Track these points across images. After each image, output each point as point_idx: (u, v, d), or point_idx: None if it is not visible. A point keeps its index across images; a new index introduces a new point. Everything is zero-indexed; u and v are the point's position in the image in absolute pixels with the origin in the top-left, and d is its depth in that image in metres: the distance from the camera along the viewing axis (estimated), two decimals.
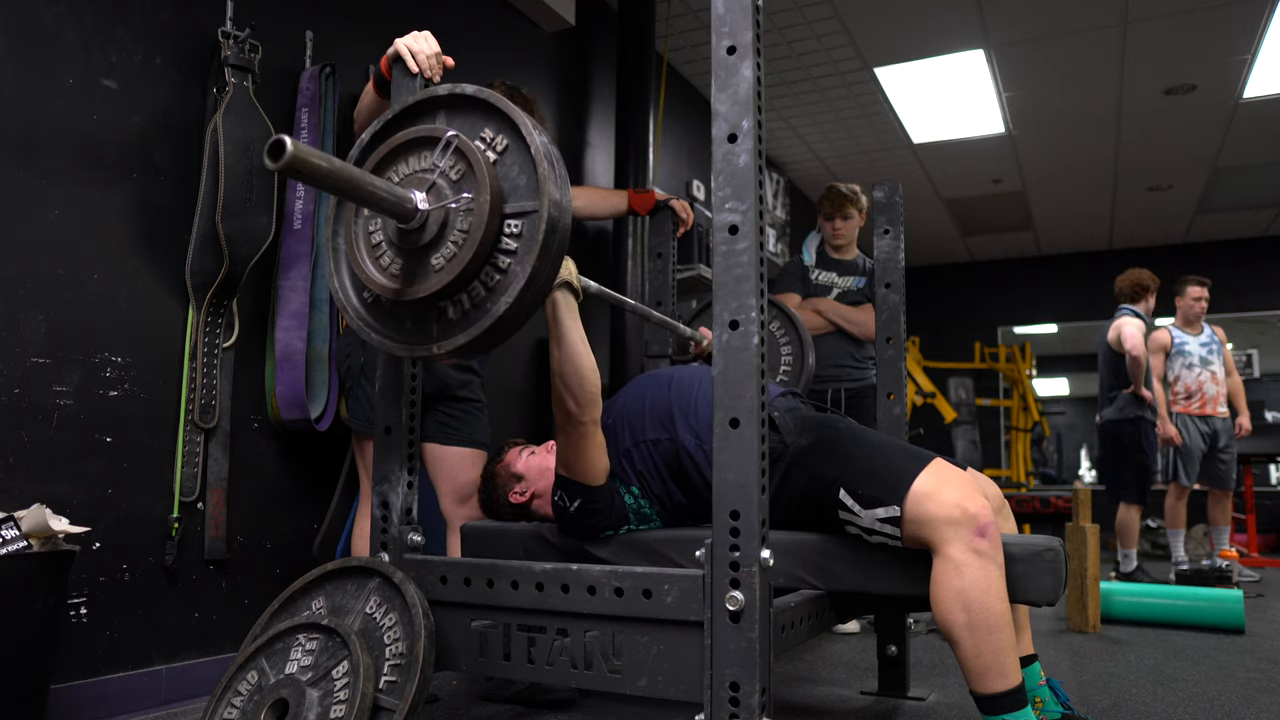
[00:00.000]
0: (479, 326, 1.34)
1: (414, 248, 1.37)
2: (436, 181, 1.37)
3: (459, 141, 1.36)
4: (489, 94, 1.41)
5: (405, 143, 1.42)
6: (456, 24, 3.24)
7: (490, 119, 1.41)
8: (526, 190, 1.35)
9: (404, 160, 1.43)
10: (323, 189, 1.27)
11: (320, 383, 2.48)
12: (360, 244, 1.44)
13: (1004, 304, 8.92)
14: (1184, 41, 4.61)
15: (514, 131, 1.38)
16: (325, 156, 1.18)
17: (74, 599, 1.99)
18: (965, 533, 1.42)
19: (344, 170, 1.22)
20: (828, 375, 3.36)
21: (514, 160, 1.37)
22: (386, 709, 1.38)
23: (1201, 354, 5.02)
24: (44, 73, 1.99)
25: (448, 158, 1.37)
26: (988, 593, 1.40)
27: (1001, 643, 1.40)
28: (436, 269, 1.36)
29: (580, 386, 1.60)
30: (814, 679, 2.48)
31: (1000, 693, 1.41)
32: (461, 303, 1.37)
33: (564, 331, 1.61)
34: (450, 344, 1.36)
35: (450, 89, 1.44)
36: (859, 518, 1.52)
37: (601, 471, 1.70)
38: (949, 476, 1.50)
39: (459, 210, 1.35)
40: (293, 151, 1.09)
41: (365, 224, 1.45)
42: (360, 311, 1.47)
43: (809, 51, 4.74)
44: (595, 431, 1.66)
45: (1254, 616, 3.69)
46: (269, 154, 1.09)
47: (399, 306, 1.42)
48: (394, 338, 1.43)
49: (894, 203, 2.31)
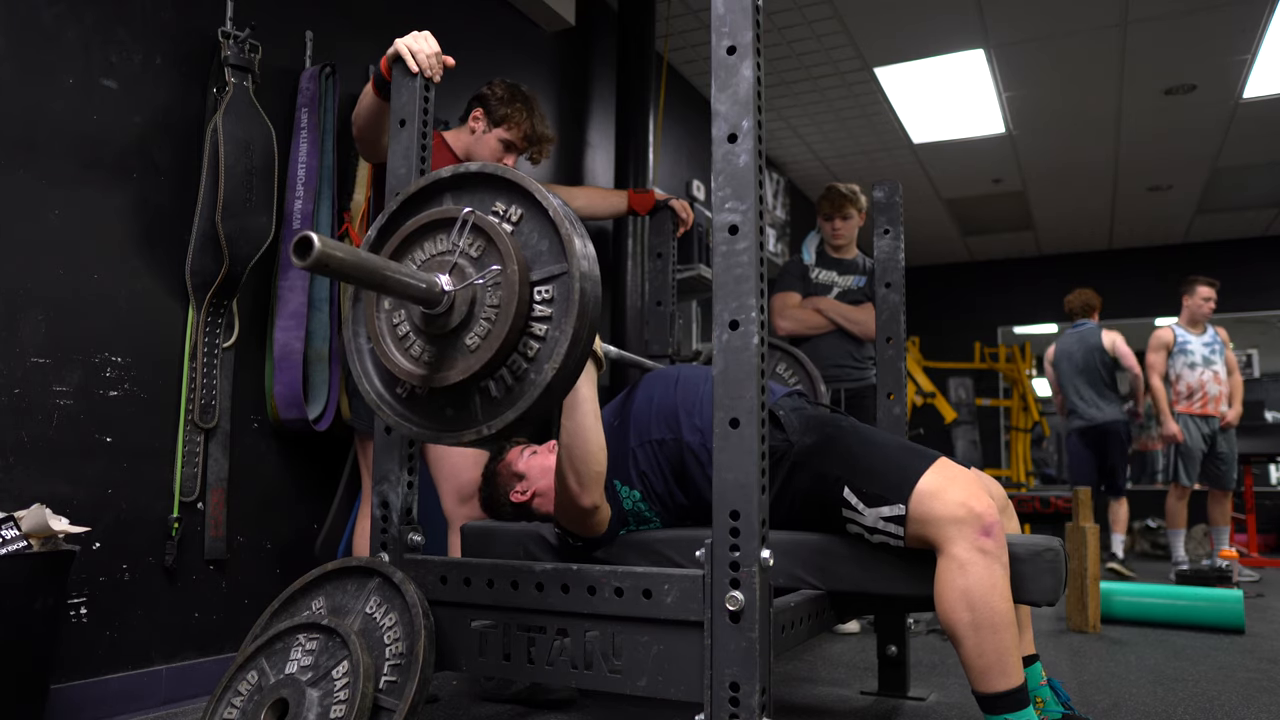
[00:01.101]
0: (528, 399, 1.30)
1: (444, 332, 1.34)
2: (458, 262, 1.34)
3: (476, 218, 1.34)
4: (494, 167, 1.39)
5: (419, 229, 1.39)
6: (456, 24, 3.24)
7: (500, 191, 1.39)
8: (550, 254, 1.33)
9: (419, 247, 1.40)
10: (349, 282, 1.24)
11: (319, 383, 2.48)
12: (386, 338, 1.40)
13: (1004, 304, 8.92)
14: (1184, 41, 4.61)
15: (526, 199, 1.36)
16: (351, 250, 1.17)
17: (74, 599, 1.99)
18: (970, 532, 1.42)
19: (370, 261, 1.20)
20: (828, 375, 3.36)
21: (532, 228, 1.35)
22: (386, 709, 1.38)
23: (1204, 353, 5.02)
24: (44, 73, 1.99)
25: (466, 236, 1.34)
26: (992, 592, 1.40)
27: (1005, 642, 1.41)
28: (472, 349, 1.32)
29: (585, 464, 1.57)
30: (814, 679, 2.48)
31: (1003, 692, 1.41)
32: (504, 379, 1.33)
33: (579, 400, 1.56)
34: (500, 421, 1.32)
35: (454, 170, 1.42)
36: (862, 516, 1.52)
37: (598, 527, 1.68)
38: (954, 475, 1.50)
39: (485, 286, 1.32)
40: (320, 248, 1.09)
41: (388, 317, 1.42)
42: (396, 408, 1.42)
43: (809, 51, 4.74)
44: (595, 513, 1.63)
45: (1254, 616, 3.69)
46: (296, 252, 1.09)
47: (437, 395, 1.38)
48: (437, 428, 1.39)
49: (894, 203, 2.31)
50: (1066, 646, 3.02)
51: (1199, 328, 5.10)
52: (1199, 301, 5.05)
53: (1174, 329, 5.12)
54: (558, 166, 3.87)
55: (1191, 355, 5.03)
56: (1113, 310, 8.61)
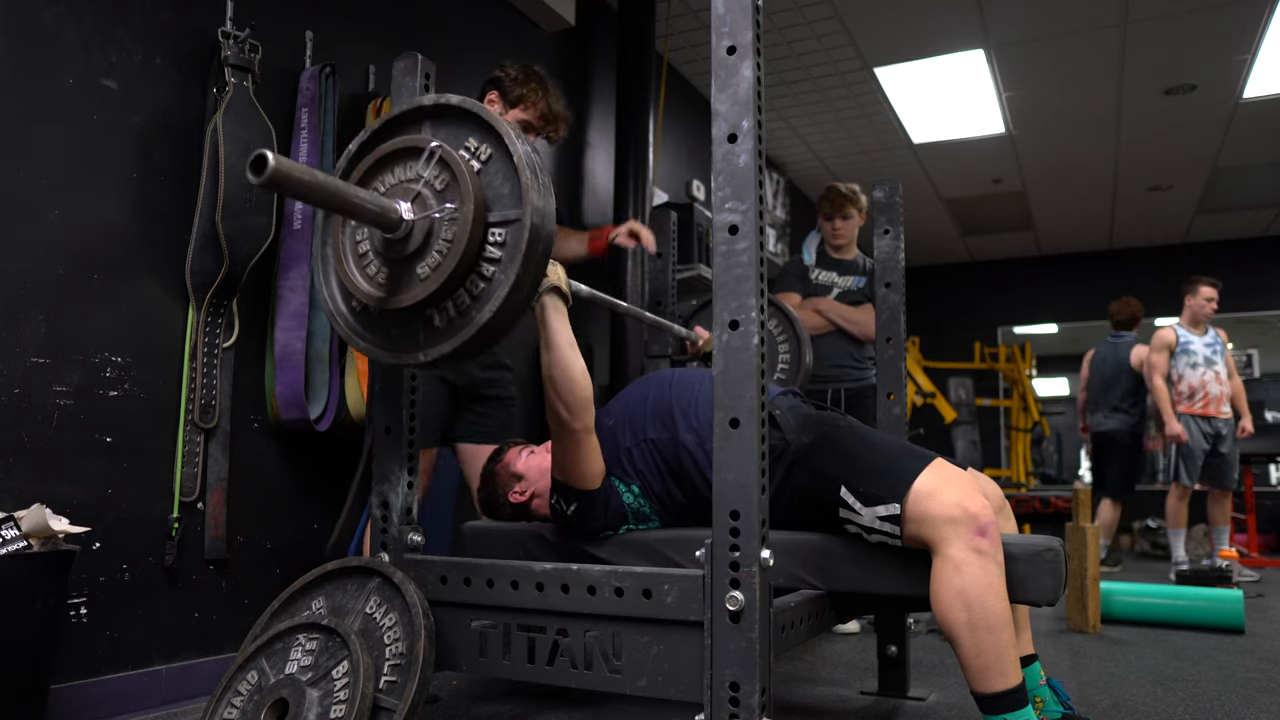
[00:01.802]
0: (463, 335, 1.35)
1: (399, 257, 1.39)
2: (421, 191, 1.39)
3: (443, 151, 1.37)
4: (473, 104, 1.42)
5: (391, 153, 1.43)
6: (457, 24, 3.24)
7: (475, 129, 1.42)
8: (510, 199, 1.36)
9: (390, 171, 1.44)
10: (306, 202, 1.29)
11: (320, 383, 2.48)
12: (348, 253, 1.46)
13: (1004, 304, 8.92)
14: (1184, 41, 4.61)
15: (498, 141, 1.39)
16: (308, 170, 1.20)
17: (74, 599, 1.99)
18: (965, 532, 1.42)
19: (327, 183, 1.24)
20: (827, 375, 3.35)
21: (498, 169, 1.38)
22: (386, 709, 1.38)
23: (1206, 354, 5.02)
24: (44, 73, 1.99)
25: (432, 168, 1.38)
26: (988, 591, 1.41)
27: (1002, 642, 1.41)
28: (422, 278, 1.37)
29: (570, 391, 1.60)
30: (814, 679, 2.48)
31: (1001, 692, 1.41)
32: (447, 311, 1.38)
33: (552, 334, 1.60)
34: (436, 351, 1.38)
35: (435, 99, 1.45)
36: (859, 515, 1.52)
37: (596, 476, 1.70)
38: (950, 476, 1.50)
39: (444, 220, 1.36)
40: (274, 165, 1.11)
41: (353, 234, 1.47)
42: (349, 320, 1.49)
43: (809, 51, 4.75)
44: (589, 438, 1.65)
45: (1254, 616, 3.69)
46: (251, 169, 1.11)
47: (386, 315, 1.44)
48: (381, 345, 1.45)
49: (894, 203, 2.31)
50: (1066, 646, 3.02)
51: (1200, 328, 5.09)
52: (1201, 301, 5.05)
53: (1176, 329, 5.11)
54: (558, 166, 3.87)
55: (1194, 355, 5.02)
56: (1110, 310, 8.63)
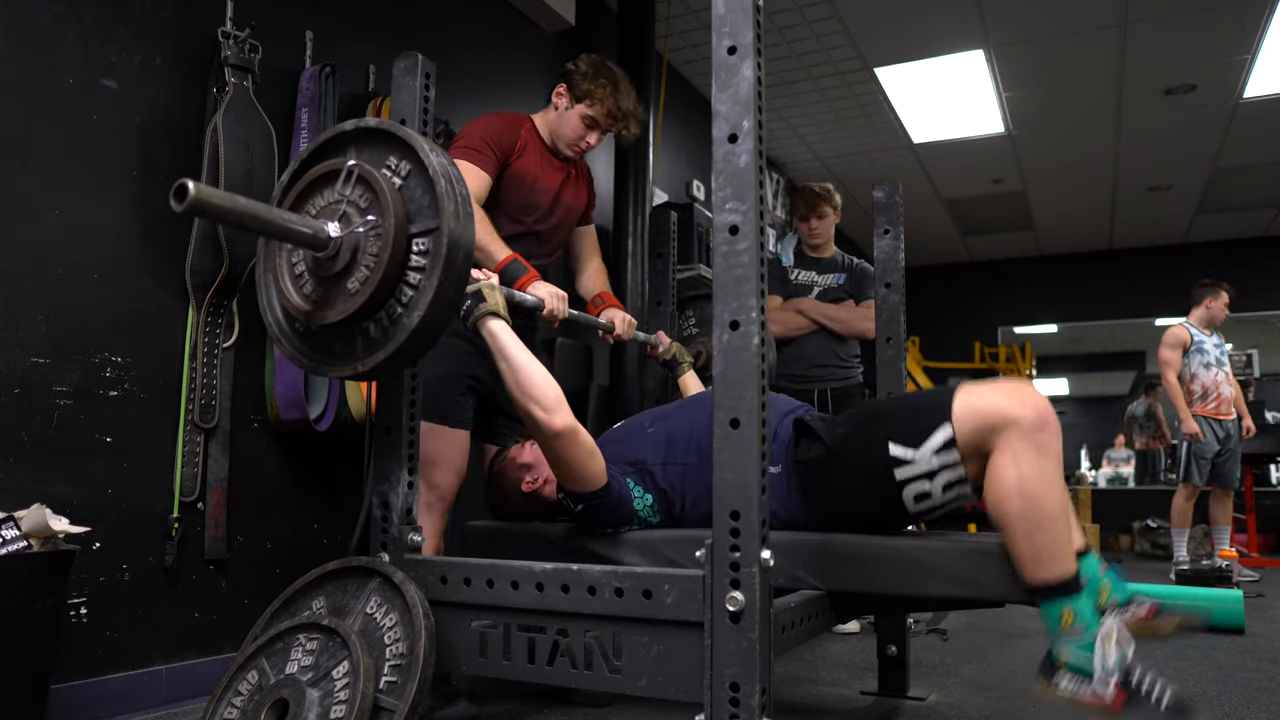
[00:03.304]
0: (396, 341, 1.43)
1: (330, 274, 1.46)
2: (346, 210, 1.46)
3: (360, 169, 1.44)
4: (391, 125, 1.50)
5: (318, 177, 1.51)
6: (457, 24, 3.24)
7: (395, 148, 1.49)
8: (430, 210, 1.42)
9: (319, 194, 1.51)
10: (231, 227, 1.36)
11: (320, 383, 2.48)
12: (285, 275, 1.53)
13: (1004, 304, 8.92)
14: (1184, 41, 4.61)
15: (414, 156, 1.45)
16: (229, 196, 1.25)
17: (74, 599, 1.98)
18: (1025, 423, 1.40)
19: (249, 207, 1.29)
20: (813, 376, 3.33)
21: (417, 183, 1.45)
22: (386, 709, 1.38)
23: (1216, 354, 5.02)
24: (44, 73, 1.99)
25: (353, 187, 1.45)
26: (1044, 482, 1.39)
27: (1058, 528, 1.38)
28: (352, 292, 1.44)
29: (536, 388, 1.60)
30: (814, 679, 2.48)
31: (1054, 580, 1.38)
32: (381, 321, 1.46)
33: (502, 346, 1.64)
34: (372, 360, 1.45)
35: (356, 124, 1.53)
36: (916, 464, 1.50)
37: (598, 475, 1.68)
38: (988, 386, 1.50)
39: (368, 234, 1.43)
40: (194, 194, 1.15)
41: (288, 256, 1.53)
42: (295, 340, 1.56)
43: (809, 51, 4.74)
44: (575, 436, 1.62)
45: (1254, 616, 3.69)
46: (174, 197, 1.15)
47: (326, 330, 1.50)
48: (325, 360, 1.53)
49: (894, 203, 2.31)
50: None
51: (1208, 329, 5.09)
52: (1221, 306, 5.03)
53: (1188, 328, 5.06)
54: None
55: (1207, 355, 5.00)
56: (1113, 310, 8.63)
